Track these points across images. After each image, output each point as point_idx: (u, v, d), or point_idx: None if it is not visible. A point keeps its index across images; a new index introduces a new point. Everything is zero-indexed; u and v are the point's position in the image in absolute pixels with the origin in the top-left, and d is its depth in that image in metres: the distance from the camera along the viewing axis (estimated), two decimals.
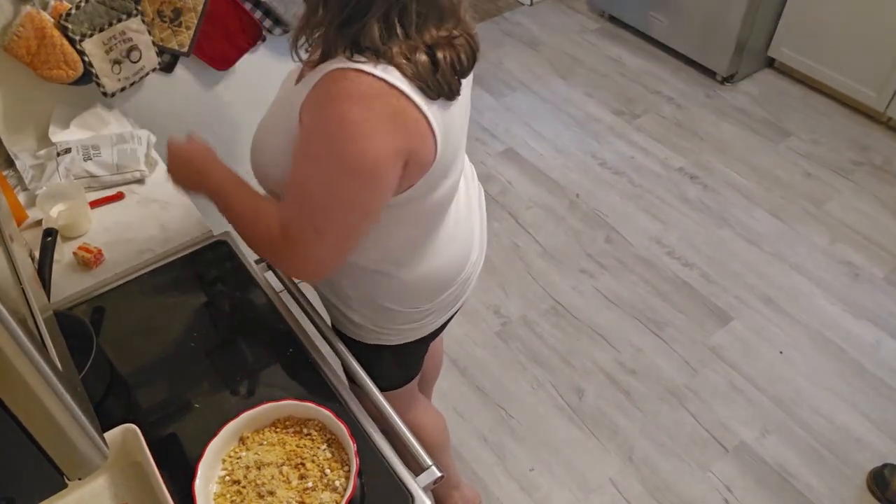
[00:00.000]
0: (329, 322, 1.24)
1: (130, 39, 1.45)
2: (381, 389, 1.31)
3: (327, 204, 0.90)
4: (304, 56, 0.98)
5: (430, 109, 0.88)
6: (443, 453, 1.58)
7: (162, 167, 1.46)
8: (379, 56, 0.85)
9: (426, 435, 1.51)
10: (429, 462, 1.01)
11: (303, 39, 0.93)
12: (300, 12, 0.94)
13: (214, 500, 0.91)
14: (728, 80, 3.09)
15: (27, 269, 0.82)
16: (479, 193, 1.26)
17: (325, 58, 0.89)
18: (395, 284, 1.10)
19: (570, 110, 3.00)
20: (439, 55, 0.87)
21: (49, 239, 1.15)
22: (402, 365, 1.30)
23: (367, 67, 0.84)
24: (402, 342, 1.21)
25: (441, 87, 0.88)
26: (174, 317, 1.18)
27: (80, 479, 0.61)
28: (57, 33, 1.34)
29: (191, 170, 1.05)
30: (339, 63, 0.85)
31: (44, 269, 1.12)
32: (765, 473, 1.84)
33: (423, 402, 1.51)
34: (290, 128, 0.93)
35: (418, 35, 0.86)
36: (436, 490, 1.61)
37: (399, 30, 0.84)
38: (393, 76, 0.85)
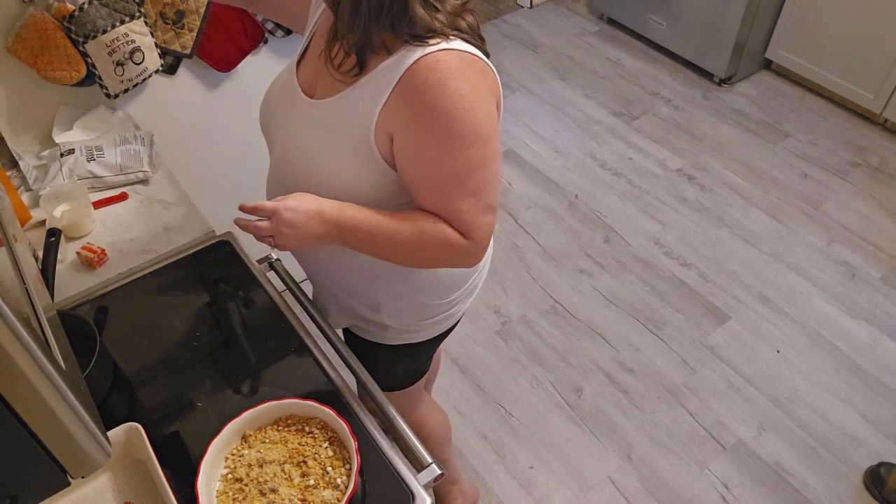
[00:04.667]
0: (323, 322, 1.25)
1: (133, 41, 1.46)
2: (396, 388, 1.32)
3: (486, 177, 0.93)
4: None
5: (492, 65, 0.93)
6: (445, 448, 1.60)
7: (165, 168, 1.47)
8: (437, 34, 0.88)
9: (431, 430, 1.52)
10: (429, 460, 1.02)
11: (337, 48, 0.92)
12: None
13: (217, 497, 0.92)
14: (726, 81, 3.09)
15: (31, 269, 0.82)
16: None
17: (363, 60, 0.91)
18: (430, 274, 1.11)
19: (569, 112, 3.01)
20: (469, 19, 0.92)
21: (52, 239, 1.16)
22: (417, 362, 1.31)
23: (444, 45, 0.87)
24: (425, 338, 1.22)
25: (484, 46, 0.93)
26: (177, 316, 1.18)
27: (83, 477, 0.62)
28: (60, 35, 1.35)
29: (308, 224, 0.93)
30: (413, 55, 0.87)
31: (47, 269, 1.13)
32: (762, 471, 1.85)
33: (428, 398, 1.52)
34: (358, 128, 0.92)
35: (444, 7, 0.90)
36: (436, 486, 1.62)
37: (437, 4, 0.88)
38: (464, 46, 0.89)
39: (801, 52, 2.91)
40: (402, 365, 1.29)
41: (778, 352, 2.11)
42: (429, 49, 0.87)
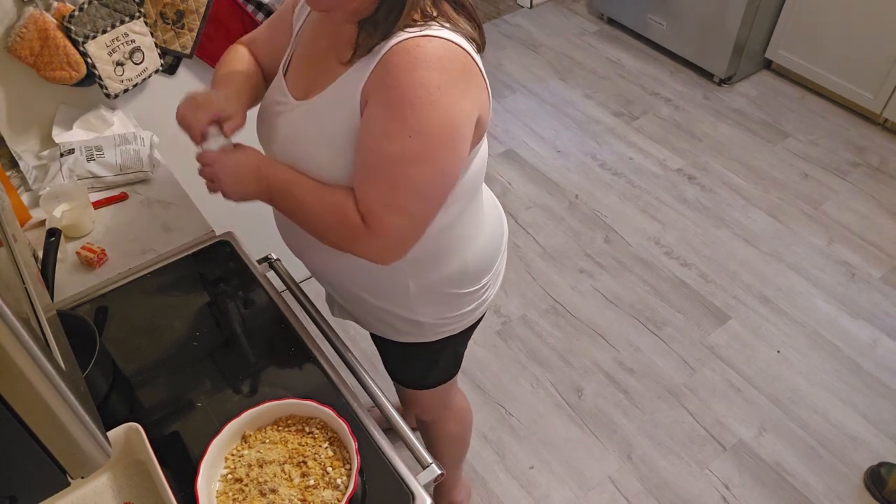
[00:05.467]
0: (317, 323, 1.23)
1: (133, 41, 1.46)
2: (441, 382, 1.33)
3: (413, 176, 0.88)
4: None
5: (481, 64, 0.92)
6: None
7: (164, 168, 1.47)
8: (429, 19, 0.87)
9: (467, 415, 1.55)
10: (429, 460, 1.02)
11: (363, 36, 0.90)
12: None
13: (217, 498, 0.92)
14: (726, 81, 3.10)
15: (30, 269, 0.82)
16: None
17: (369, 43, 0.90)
18: (459, 265, 1.11)
19: (569, 111, 3.01)
20: (468, 8, 0.91)
21: (52, 239, 1.16)
22: (458, 352, 1.31)
23: (429, 32, 0.86)
24: (462, 328, 1.23)
25: (481, 39, 0.92)
26: (177, 316, 1.18)
27: (82, 477, 0.61)
28: (60, 35, 1.35)
29: (245, 176, 0.98)
30: (396, 37, 0.86)
31: (47, 269, 1.13)
32: (762, 471, 1.85)
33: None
34: (347, 118, 0.92)
35: None
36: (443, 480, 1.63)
37: None
38: (451, 35, 0.87)
39: (801, 52, 2.91)
40: (445, 358, 1.29)
41: (778, 352, 2.11)
42: (411, 33, 0.86)
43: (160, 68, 1.56)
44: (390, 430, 1.07)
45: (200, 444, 0.95)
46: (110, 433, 0.92)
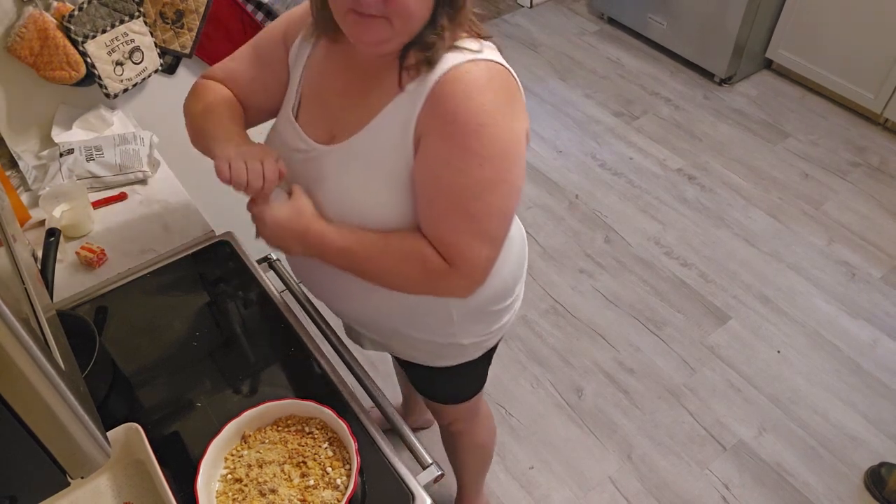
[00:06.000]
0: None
1: (133, 41, 1.46)
2: (473, 394, 1.31)
3: (491, 203, 0.87)
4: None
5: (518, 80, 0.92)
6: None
7: (164, 168, 1.47)
8: (473, 37, 0.87)
9: (493, 422, 1.54)
10: (429, 460, 1.02)
11: (412, 58, 0.87)
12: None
13: (217, 498, 0.92)
14: (726, 81, 3.09)
15: (30, 269, 0.82)
16: None
17: (432, 61, 0.87)
18: (499, 280, 1.08)
19: (569, 111, 3.01)
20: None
21: (52, 239, 1.16)
22: (489, 363, 1.29)
23: (480, 56, 0.86)
24: (498, 338, 1.21)
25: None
26: (177, 316, 1.18)
27: (82, 477, 0.61)
28: (60, 34, 1.35)
29: (288, 239, 0.95)
30: (441, 65, 0.85)
31: (47, 269, 1.13)
32: (762, 471, 1.85)
33: None
34: (399, 155, 0.89)
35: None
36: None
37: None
38: (493, 55, 0.88)
39: (801, 51, 2.91)
40: (477, 371, 1.26)
41: (778, 352, 2.11)
42: (463, 56, 0.85)
43: (160, 68, 1.56)
44: (390, 431, 1.07)
45: (200, 444, 0.95)
46: (110, 433, 0.92)
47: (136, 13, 1.45)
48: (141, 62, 1.50)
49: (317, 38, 0.99)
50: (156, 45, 1.52)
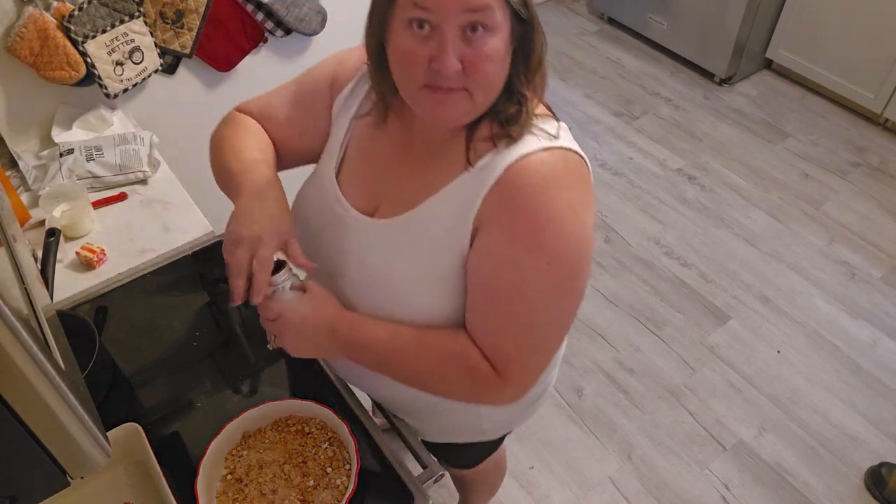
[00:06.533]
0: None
1: (133, 41, 1.46)
2: (490, 453, 1.25)
3: (552, 311, 0.80)
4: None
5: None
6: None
7: (164, 168, 1.47)
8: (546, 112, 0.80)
9: (505, 457, 1.50)
10: (429, 460, 1.02)
11: (487, 127, 0.78)
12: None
13: (217, 498, 0.92)
14: (726, 81, 3.09)
15: (30, 269, 0.82)
16: None
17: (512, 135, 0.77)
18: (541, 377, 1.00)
19: (569, 111, 3.01)
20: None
21: (52, 239, 1.16)
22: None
23: (557, 143, 0.77)
24: (522, 423, 1.17)
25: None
26: (176, 316, 1.18)
27: (82, 477, 0.61)
28: (60, 35, 1.35)
29: (315, 337, 0.84)
30: (515, 149, 0.76)
31: (47, 269, 1.13)
32: (762, 471, 1.85)
33: None
34: (451, 245, 0.80)
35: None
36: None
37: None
38: (568, 142, 0.79)
39: (801, 51, 2.91)
40: (495, 442, 1.20)
41: (778, 352, 2.11)
42: (534, 144, 0.77)
43: (160, 68, 1.56)
44: (390, 431, 1.07)
45: (200, 444, 0.94)
46: (110, 433, 0.92)
47: (136, 13, 1.45)
48: (141, 62, 1.50)
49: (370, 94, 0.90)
50: (156, 45, 1.52)
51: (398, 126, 0.87)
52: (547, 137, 0.78)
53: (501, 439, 1.21)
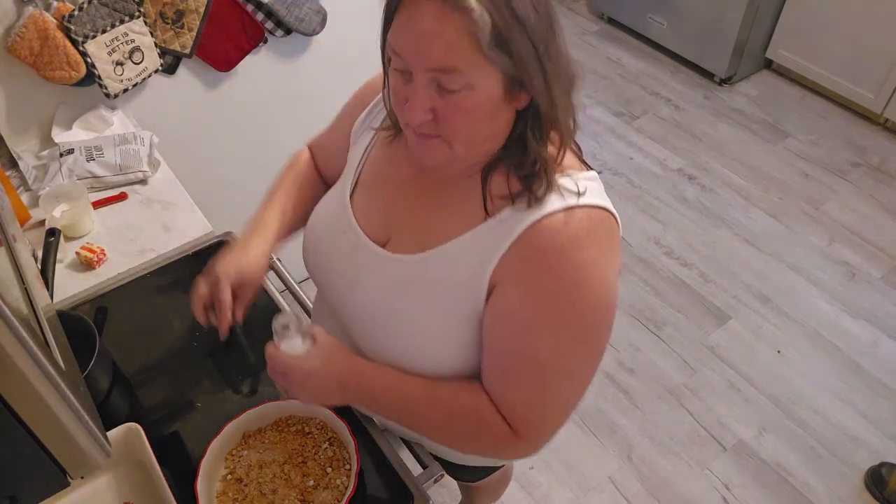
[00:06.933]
0: None
1: (133, 41, 1.46)
2: (498, 468, 1.24)
3: (575, 371, 0.77)
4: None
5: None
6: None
7: (164, 168, 1.47)
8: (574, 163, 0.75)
9: (511, 467, 1.49)
10: (429, 460, 1.02)
11: (504, 177, 0.75)
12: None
13: (217, 498, 0.92)
14: (726, 81, 3.09)
15: (30, 269, 0.82)
16: None
17: (533, 190, 0.73)
18: None
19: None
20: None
21: (52, 239, 1.16)
22: None
23: (582, 202, 0.73)
24: None
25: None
26: (177, 316, 1.18)
27: (82, 477, 0.62)
28: (60, 34, 1.35)
29: (326, 390, 0.82)
30: (546, 205, 0.73)
31: (47, 269, 1.13)
32: (763, 471, 1.85)
33: None
34: (465, 299, 0.77)
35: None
36: None
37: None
38: (598, 195, 0.76)
39: (801, 51, 2.91)
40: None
41: (778, 352, 2.11)
42: (558, 203, 0.73)
43: (160, 68, 1.56)
44: (390, 431, 1.07)
45: (200, 444, 0.94)
46: (110, 433, 0.92)
47: (136, 13, 1.45)
48: (141, 62, 1.50)
49: (379, 137, 0.89)
50: (156, 45, 1.52)
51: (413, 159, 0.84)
52: (571, 195, 0.74)
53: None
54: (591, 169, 0.80)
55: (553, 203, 0.74)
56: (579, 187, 0.75)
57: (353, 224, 0.87)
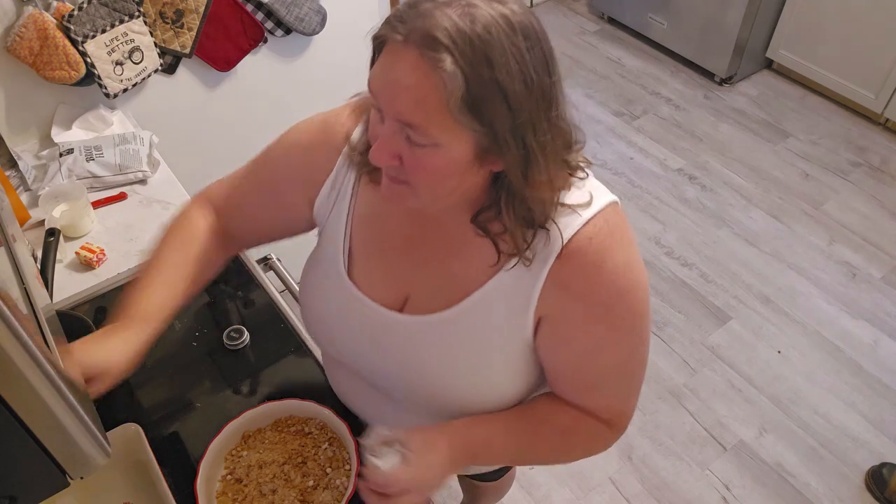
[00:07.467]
0: None
1: (133, 41, 1.46)
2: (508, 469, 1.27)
3: (638, 361, 0.81)
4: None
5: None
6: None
7: (164, 168, 1.47)
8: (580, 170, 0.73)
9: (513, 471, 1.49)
10: None
11: (498, 226, 0.72)
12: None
13: (217, 498, 0.92)
14: (726, 81, 3.09)
15: (30, 269, 0.82)
16: None
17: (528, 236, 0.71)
18: None
19: (569, 111, 3.00)
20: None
21: (51, 239, 1.16)
22: None
23: (593, 210, 0.73)
24: None
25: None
26: (176, 316, 1.18)
27: (82, 477, 0.61)
28: (59, 34, 1.35)
29: (439, 479, 0.79)
30: (562, 231, 0.72)
31: (46, 269, 1.13)
32: (763, 472, 1.85)
33: None
34: (512, 338, 0.78)
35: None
36: None
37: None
38: (602, 192, 0.75)
39: (801, 51, 2.90)
40: None
41: (779, 352, 2.11)
42: (573, 222, 0.72)
43: (159, 68, 1.56)
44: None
45: (200, 444, 0.94)
46: (110, 433, 0.92)
47: (136, 13, 1.44)
48: (141, 62, 1.49)
49: (361, 175, 0.82)
50: (156, 44, 1.52)
51: (414, 212, 0.80)
52: (584, 209, 0.73)
53: None
54: (587, 162, 0.77)
55: (571, 224, 0.72)
56: (590, 195, 0.74)
57: (360, 298, 0.83)
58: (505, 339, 0.79)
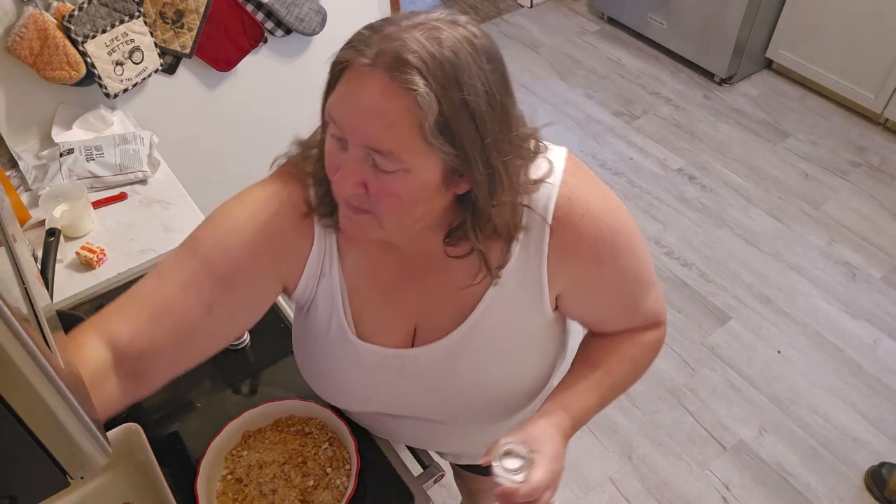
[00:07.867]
0: None
1: (133, 41, 1.46)
2: None
3: (646, 253, 0.86)
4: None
5: None
6: None
7: (164, 168, 1.47)
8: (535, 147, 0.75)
9: None
10: (429, 460, 1.02)
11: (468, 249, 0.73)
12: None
13: (217, 498, 0.92)
14: (726, 81, 3.09)
15: (30, 269, 0.82)
16: None
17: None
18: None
19: (569, 111, 3.01)
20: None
21: (52, 239, 1.16)
22: None
23: (557, 175, 0.75)
24: None
25: None
26: None
27: (82, 477, 0.61)
28: (60, 34, 1.35)
29: (563, 466, 0.81)
30: (540, 207, 0.74)
31: (47, 269, 1.13)
32: (763, 472, 1.85)
33: None
34: (532, 319, 0.81)
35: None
36: None
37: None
38: (557, 152, 0.78)
39: (801, 51, 2.90)
40: None
41: (779, 352, 2.11)
42: (548, 193, 0.74)
43: (160, 68, 1.56)
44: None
45: (200, 444, 0.94)
46: (110, 433, 0.92)
47: (136, 13, 1.45)
48: (141, 62, 1.50)
49: (342, 244, 0.79)
50: (156, 44, 1.52)
51: (396, 248, 0.79)
52: (552, 178, 0.75)
53: None
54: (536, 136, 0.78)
55: (547, 195, 0.74)
56: (548, 161, 0.75)
57: (376, 350, 0.83)
58: (527, 329, 0.82)
